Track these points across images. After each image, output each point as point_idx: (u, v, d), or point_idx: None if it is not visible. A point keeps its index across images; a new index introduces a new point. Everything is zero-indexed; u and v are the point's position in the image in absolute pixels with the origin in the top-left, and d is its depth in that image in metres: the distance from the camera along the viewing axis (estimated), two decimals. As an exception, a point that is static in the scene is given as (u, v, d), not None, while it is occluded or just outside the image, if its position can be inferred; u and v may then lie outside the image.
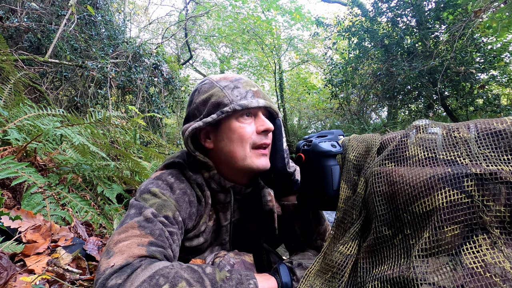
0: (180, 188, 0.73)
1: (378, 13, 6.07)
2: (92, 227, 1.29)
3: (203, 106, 0.74)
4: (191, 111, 0.77)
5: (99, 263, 0.57)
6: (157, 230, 0.62)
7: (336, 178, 0.63)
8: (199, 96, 0.76)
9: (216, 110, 0.71)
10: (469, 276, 0.37)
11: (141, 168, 1.87)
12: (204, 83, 0.78)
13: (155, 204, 0.67)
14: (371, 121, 8.16)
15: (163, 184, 0.73)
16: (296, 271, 0.66)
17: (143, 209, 0.65)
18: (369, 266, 0.51)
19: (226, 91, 0.72)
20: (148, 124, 4.19)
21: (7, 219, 0.94)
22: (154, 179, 0.75)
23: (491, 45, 4.81)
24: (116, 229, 0.63)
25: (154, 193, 0.70)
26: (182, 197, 0.72)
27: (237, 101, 0.70)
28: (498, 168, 0.41)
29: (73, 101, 3.55)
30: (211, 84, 0.75)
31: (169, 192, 0.71)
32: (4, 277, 0.69)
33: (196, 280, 0.54)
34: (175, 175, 0.76)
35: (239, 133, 0.71)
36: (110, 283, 0.51)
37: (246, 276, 0.58)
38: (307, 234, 0.84)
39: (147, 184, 0.73)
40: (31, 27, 3.25)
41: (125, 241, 0.59)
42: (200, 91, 0.76)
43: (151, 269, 0.53)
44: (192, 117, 0.77)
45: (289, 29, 10.88)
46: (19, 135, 1.46)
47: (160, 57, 4.34)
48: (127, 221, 0.63)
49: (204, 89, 0.76)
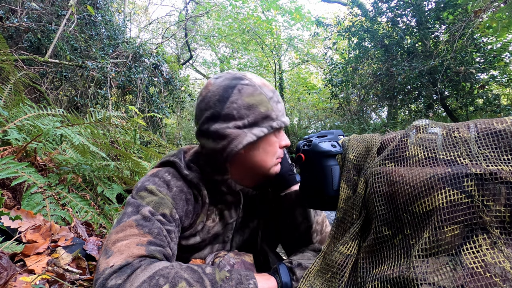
0: (177, 185, 0.73)
1: (378, 13, 6.07)
2: (92, 227, 1.29)
3: (247, 110, 0.68)
4: (227, 110, 0.68)
5: (98, 262, 0.57)
6: (155, 228, 0.62)
7: (336, 178, 0.63)
8: (242, 98, 0.68)
9: (264, 122, 0.69)
10: (469, 276, 0.37)
11: (141, 168, 1.87)
12: (245, 84, 0.70)
13: (152, 202, 0.67)
14: (371, 121, 8.17)
15: (159, 181, 0.72)
16: (296, 271, 0.66)
17: (140, 207, 0.65)
18: (369, 266, 0.51)
19: (272, 104, 0.71)
20: (148, 124, 4.19)
21: (7, 219, 0.94)
22: (150, 176, 0.74)
23: (491, 45, 4.81)
24: (113, 228, 0.63)
25: (151, 190, 0.69)
26: (179, 195, 0.72)
27: (280, 118, 0.72)
28: (498, 168, 0.41)
29: (73, 101, 3.55)
30: (255, 89, 0.70)
31: (166, 190, 0.71)
32: (4, 277, 0.69)
33: (196, 280, 0.54)
34: (171, 172, 0.75)
35: (274, 147, 0.74)
36: (110, 283, 0.51)
37: (246, 276, 0.58)
38: (308, 220, 0.85)
39: (144, 181, 0.72)
40: (31, 27, 3.25)
41: (124, 240, 0.59)
42: (242, 92, 0.68)
43: (151, 269, 0.53)
44: (225, 117, 0.68)
45: (289, 29, 10.89)
46: (19, 135, 1.46)
47: (160, 57, 4.34)
48: (124, 219, 0.63)
49: (248, 92, 0.69)
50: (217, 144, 0.70)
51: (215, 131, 0.69)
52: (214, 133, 0.69)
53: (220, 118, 0.68)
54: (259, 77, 0.75)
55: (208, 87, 0.72)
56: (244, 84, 0.69)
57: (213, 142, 0.70)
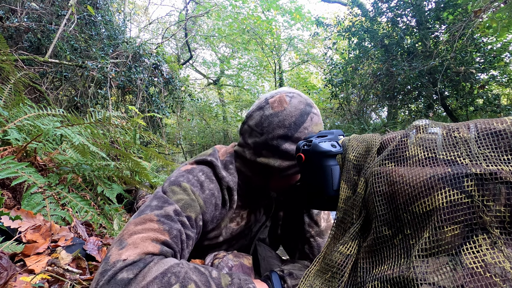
0: (210, 188, 0.72)
1: (378, 13, 6.07)
2: (92, 227, 1.29)
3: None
4: (299, 134, 0.73)
5: (109, 251, 0.55)
6: (175, 230, 0.61)
7: (336, 178, 0.63)
8: (312, 126, 0.75)
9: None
10: (469, 276, 0.37)
11: (141, 168, 1.87)
12: (315, 113, 0.77)
13: (182, 200, 0.65)
14: (371, 121, 8.17)
15: (194, 179, 0.70)
16: (287, 279, 0.67)
17: (167, 204, 0.63)
18: (369, 266, 0.51)
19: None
20: (148, 124, 4.19)
21: (7, 219, 0.94)
22: (184, 171, 0.72)
23: (491, 45, 4.81)
24: (133, 218, 0.61)
25: (185, 188, 0.68)
26: (210, 199, 0.71)
27: None
28: (498, 168, 0.41)
29: (73, 101, 3.55)
30: (319, 119, 0.77)
31: (199, 191, 0.69)
32: (4, 277, 0.69)
33: (203, 284, 0.54)
34: (206, 173, 0.73)
35: None
36: (120, 276, 0.50)
37: (245, 281, 0.59)
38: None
39: (178, 176, 0.71)
40: (31, 27, 3.25)
41: (141, 233, 0.57)
42: (313, 121, 0.76)
43: (163, 265, 0.53)
44: (296, 140, 0.74)
45: (289, 29, 10.89)
46: (19, 135, 1.46)
47: (160, 57, 4.34)
48: (146, 211, 0.61)
49: (316, 121, 0.77)
50: (282, 162, 0.73)
51: (285, 151, 0.72)
52: (284, 152, 0.72)
53: (292, 139, 0.72)
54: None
55: (284, 104, 0.73)
56: (314, 114, 0.75)
57: (279, 159, 0.73)
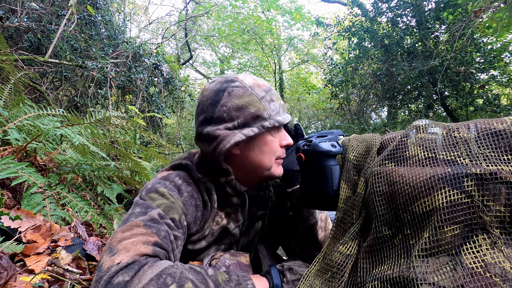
0: (188, 191, 0.72)
1: (378, 13, 6.07)
2: (92, 227, 1.29)
3: (237, 112, 0.70)
4: (218, 113, 0.71)
5: (100, 261, 0.56)
6: (163, 231, 0.61)
7: (336, 178, 0.63)
8: (231, 100, 0.70)
9: (255, 122, 0.70)
10: (469, 276, 0.37)
11: (141, 168, 1.87)
12: (236, 86, 0.72)
13: (162, 204, 0.66)
14: (371, 121, 8.16)
15: (170, 185, 0.71)
16: (287, 274, 0.67)
17: (150, 209, 0.64)
18: (369, 266, 0.51)
19: (264, 104, 0.71)
20: (148, 124, 4.19)
21: (7, 219, 0.94)
22: (161, 179, 0.73)
23: (491, 45, 4.81)
24: (118, 227, 0.62)
25: (162, 193, 0.69)
26: (189, 201, 0.72)
27: (275, 116, 0.72)
28: (498, 168, 0.41)
29: (73, 101, 3.55)
30: (245, 90, 0.71)
31: (177, 194, 0.70)
32: (4, 277, 0.69)
33: (200, 282, 0.54)
34: (182, 177, 0.74)
35: (271, 147, 0.74)
36: (116, 280, 0.50)
37: (243, 277, 0.59)
38: (314, 216, 0.87)
39: (154, 183, 0.72)
40: (31, 27, 3.25)
41: (130, 238, 0.58)
42: (232, 94, 0.71)
43: (158, 267, 0.53)
44: (217, 120, 0.71)
45: (289, 29, 10.89)
46: (19, 135, 1.45)
47: (160, 57, 4.34)
48: (131, 219, 0.62)
49: (238, 93, 0.71)
50: (209, 146, 0.72)
51: (207, 134, 0.72)
52: (206, 135, 0.72)
53: (213, 121, 0.72)
54: (252, 78, 0.76)
55: (203, 92, 0.76)
56: (234, 87, 0.72)
57: (206, 145, 0.73)
